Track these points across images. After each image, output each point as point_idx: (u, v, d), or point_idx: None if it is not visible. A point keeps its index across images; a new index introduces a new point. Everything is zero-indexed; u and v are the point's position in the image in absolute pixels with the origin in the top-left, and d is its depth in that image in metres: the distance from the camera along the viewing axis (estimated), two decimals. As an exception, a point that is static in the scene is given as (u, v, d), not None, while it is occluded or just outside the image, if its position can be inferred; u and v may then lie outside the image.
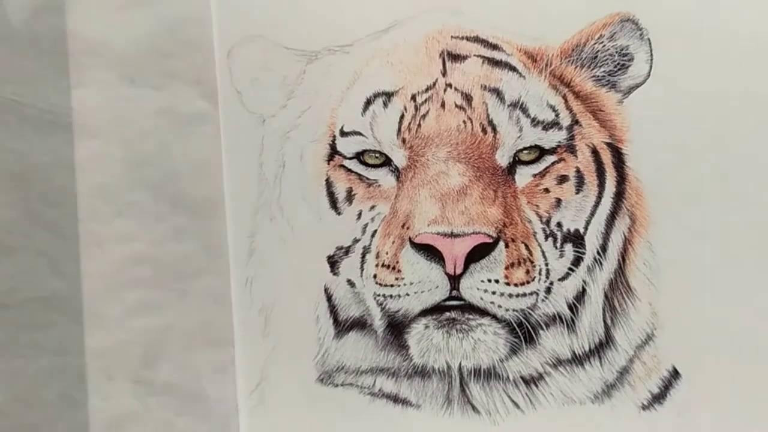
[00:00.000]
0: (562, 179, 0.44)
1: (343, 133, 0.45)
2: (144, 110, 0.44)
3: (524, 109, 0.44)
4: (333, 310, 0.45)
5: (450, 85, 0.44)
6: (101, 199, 0.43)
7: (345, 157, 0.45)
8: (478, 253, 0.43)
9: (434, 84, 0.44)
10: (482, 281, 0.43)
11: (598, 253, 0.44)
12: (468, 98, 0.44)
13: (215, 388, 0.45)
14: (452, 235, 0.43)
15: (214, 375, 0.45)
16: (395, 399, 0.45)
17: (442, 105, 0.44)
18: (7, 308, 0.39)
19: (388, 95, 0.44)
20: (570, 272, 0.44)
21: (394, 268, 0.44)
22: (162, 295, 0.43)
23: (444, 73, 0.44)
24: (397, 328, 0.44)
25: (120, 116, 0.44)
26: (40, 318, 0.40)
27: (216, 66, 0.45)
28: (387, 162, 0.44)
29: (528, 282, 0.43)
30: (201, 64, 0.45)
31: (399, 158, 0.44)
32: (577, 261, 0.44)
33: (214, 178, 0.45)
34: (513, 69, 0.44)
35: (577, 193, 0.44)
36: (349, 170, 0.45)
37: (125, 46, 0.44)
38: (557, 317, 0.44)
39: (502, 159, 0.44)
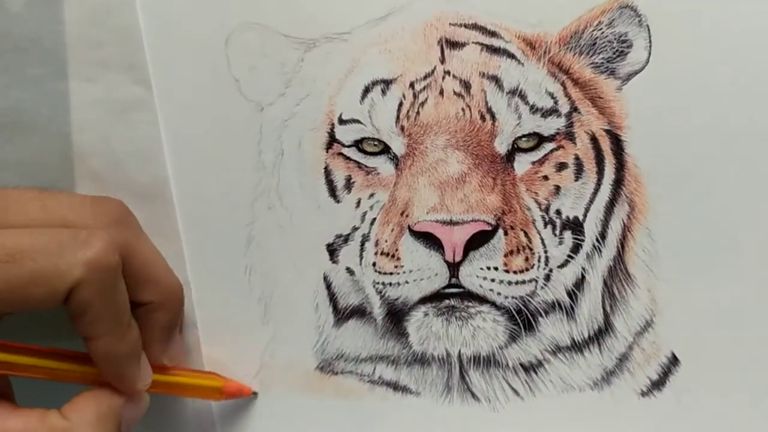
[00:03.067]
0: (561, 166, 0.44)
1: (341, 121, 0.45)
2: (80, 102, 0.44)
3: (523, 97, 0.43)
4: (332, 298, 0.45)
5: (448, 73, 0.44)
6: None
7: (344, 145, 0.45)
8: (477, 240, 0.43)
9: (433, 71, 0.44)
10: (481, 269, 0.43)
11: (597, 240, 0.44)
12: (466, 86, 0.44)
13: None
14: (451, 223, 0.43)
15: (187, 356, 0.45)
16: (395, 386, 0.45)
17: (441, 92, 0.44)
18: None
19: (387, 83, 0.44)
20: (569, 259, 0.44)
21: (393, 256, 0.44)
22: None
23: (442, 61, 0.44)
24: (396, 316, 0.44)
25: (56, 111, 0.44)
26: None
27: (146, 50, 0.44)
28: (386, 150, 0.44)
29: (527, 269, 0.43)
30: (131, 50, 0.44)
31: (398, 146, 0.44)
32: (576, 248, 0.44)
33: (156, 162, 0.44)
34: (511, 56, 0.44)
35: (576, 181, 0.44)
36: (348, 158, 0.45)
37: (55, 41, 0.44)
38: (556, 304, 0.44)
39: (501, 146, 0.43)
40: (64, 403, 0.37)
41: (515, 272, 0.43)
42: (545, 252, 0.44)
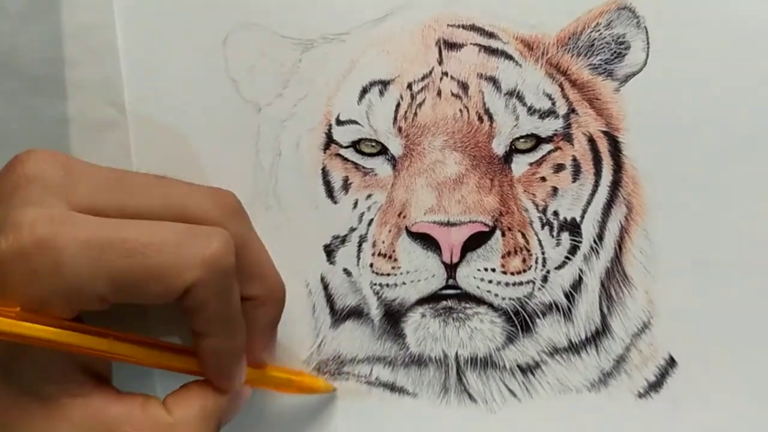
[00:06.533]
0: (559, 168, 0.44)
1: (339, 122, 0.45)
2: (51, 120, 0.44)
3: (521, 98, 0.43)
4: (329, 300, 0.45)
5: (446, 74, 0.44)
6: None
7: (341, 146, 0.44)
8: (475, 241, 0.43)
9: (430, 72, 0.44)
10: (479, 270, 0.43)
11: (595, 241, 0.44)
12: (464, 87, 0.44)
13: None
14: (449, 224, 0.43)
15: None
16: (392, 388, 0.45)
17: (438, 93, 0.44)
18: None
19: (384, 84, 0.44)
20: (566, 261, 0.44)
21: (390, 257, 0.44)
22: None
23: (440, 62, 0.44)
24: (393, 317, 0.44)
25: (26, 129, 0.44)
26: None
27: (122, 72, 0.44)
28: (383, 151, 0.44)
29: (524, 270, 0.43)
30: (107, 71, 0.44)
31: (395, 147, 0.44)
32: (573, 249, 0.44)
33: None
34: (509, 57, 0.44)
35: (573, 182, 0.44)
36: (345, 159, 0.45)
37: (30, 56, 0.44)
38: (554, 306, 0.44)
39: (499, 148, 0.43)
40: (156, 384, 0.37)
41: (512, 273, 0.43)
42: (543, 253, 0.44)
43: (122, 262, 0.33)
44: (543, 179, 0.44)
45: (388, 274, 0.44)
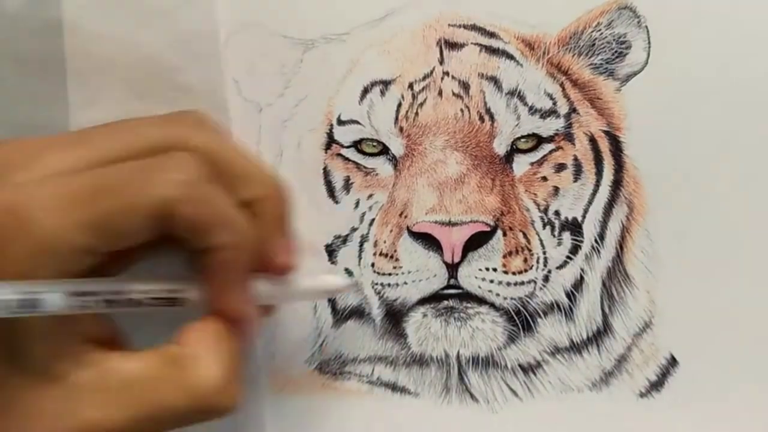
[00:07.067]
0: (560, 167, 0.44)
1: (340, 122, 0.45)
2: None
3: (522, 98, 0.43)
4: (331, 299, 0.45)
5: (447, 74, 0.44)
6: None
7: (342, 146, 0.45)
8: (476, 241, 0.43)
9: (431, 72, 0.44)
10: (480, 269, 0.43)
11: (596, 241, 0.44)
12: (465, 86, 0.44)
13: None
14: (450, 224, 0.43)
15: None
16: (393, 387, 0.45)
17: (440, 93, 0.44)
18: None
19: (386, 84, 0.44)
20: (568, 260, 0.44)
21: (392, 257, 0.44)
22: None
23: (441, 62, 0.44)
24: (395, 317, 0.44)
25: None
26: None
27: (225, 78, 0.44)
28: (384, 151, 0.44)
29: (526, 270, 0.43)
30: (211, 78, 0.44)
31: (396, 147, 0.44)
32: (575, 249, 0.44)
33: None
34: (510, 57, 0.44)
35: (574, 182, 0.44)
36: (347, 159, 0.45)
37: (132, 63, 0.44)
38: (555, 305, 0.44)
39: (500, 147, 0.43)
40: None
41: (514, 273, 0.43)
42: (544, 253, 0.44)
43: (91, 207, 0.32)
44: (544, 179, 0.44)
45: (390, 274, 0.44)
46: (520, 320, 0.44)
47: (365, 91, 0.44)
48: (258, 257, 0.37)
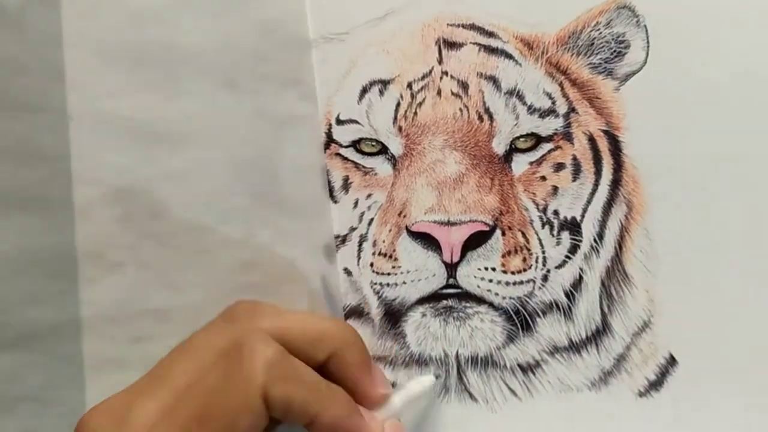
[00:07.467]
0: (559, 167, 0.44)
1: (339, 122, 0.45)
2: (242, 115, 0.43)
3: (520, 97, 0.43)
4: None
5: (446, 73, 0.44)
6: (205, 208, 0.42)
7: (341, 146, 0.45)
8: (475, 241, 0.43)
9: (430, 72, 0.44)
10: (479, 269, 0.43)
11: (595, 240, 0.44)
12: (464, 86, 0.44)
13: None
14: (449, 224, 0.43)
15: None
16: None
17: (438, 93, 0.44)
18: (118, 323, 0.39)
19: (384, 83, 0.44)
20: (567, 260, 0.44)
21: (390, 257, 0.44)
22: (273, 300, 0.41)
23: (440, 61, 0.44)
24: (394, 317, 0.44)
25: (219, 123, 0.43)
26: (151, 330, 0.39)
27: (314, 65, 0.44)
28: (383, 150, 0.44)
29: (525, 270, 0.43)
30: (297, 65, 0.44)
31: (395, 146, 0.44)
32: (574, 249, 0.44)
33: (316, 179, 0.44)
34: (509, 56, 0.44)
35: (573, 181, 0.44)
36: (346, 159, 0.45)
37: (220, 52, 0.43)
38: (554, 305, 0.44)
39: (499, 147, 0.43)
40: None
41: (513, 273, 0.43)
42: (543, 252, 0.43)
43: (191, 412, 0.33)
44: (543, 178, 0.44)
45: (389, 274, 0.44)
46: (519, 320, 0.44)
47: (364, 90, 0.44)
48: (355, 401, 0.38)
